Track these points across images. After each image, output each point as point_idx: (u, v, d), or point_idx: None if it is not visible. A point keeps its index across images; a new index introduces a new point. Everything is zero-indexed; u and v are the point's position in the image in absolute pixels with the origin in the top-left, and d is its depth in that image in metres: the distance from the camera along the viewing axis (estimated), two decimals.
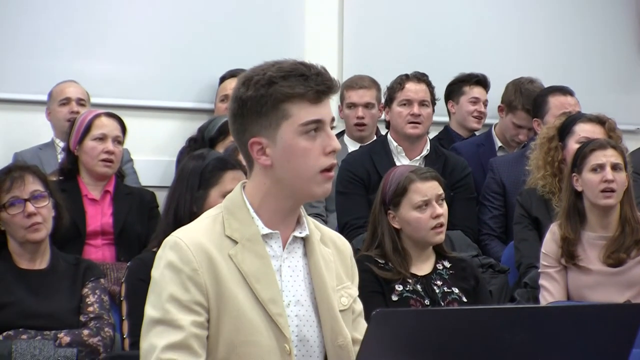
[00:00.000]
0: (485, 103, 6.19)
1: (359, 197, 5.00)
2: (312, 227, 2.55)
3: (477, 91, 6.16)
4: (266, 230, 2.46)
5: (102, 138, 4.71)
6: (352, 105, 5.83)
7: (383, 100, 5.41)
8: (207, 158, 3.67)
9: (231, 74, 5.80)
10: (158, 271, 2.42)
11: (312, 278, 2.50)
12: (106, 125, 4.75)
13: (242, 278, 2.40)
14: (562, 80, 5.72)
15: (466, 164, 5.27)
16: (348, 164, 5.08)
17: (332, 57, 6.33)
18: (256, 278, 2.41)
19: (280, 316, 2.41)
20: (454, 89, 6.16)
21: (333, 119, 2.48)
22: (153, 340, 2.36)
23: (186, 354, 2.33)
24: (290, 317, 2.45)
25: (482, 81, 6.19)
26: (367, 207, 4.82)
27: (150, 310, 2.41)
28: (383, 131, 5.62)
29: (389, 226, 3.89)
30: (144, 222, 4.75)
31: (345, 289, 2.56)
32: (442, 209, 3.87)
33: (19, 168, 3.99)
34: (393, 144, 5.19)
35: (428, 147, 5.21)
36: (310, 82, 2.40)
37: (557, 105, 5.41)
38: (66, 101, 5.42)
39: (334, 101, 2.87)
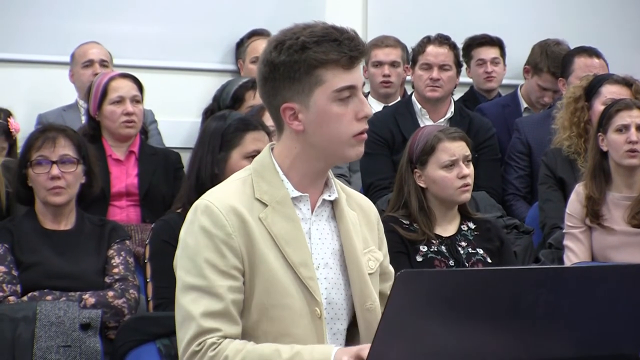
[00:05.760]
0: (494, 61, 6.15)
1: (383, 157, 5.00)
2: (339, 189, 2.55)
3: (482, 52, 6.14)
4: (296, 193, 2.45)
5: (119, 101, 4.67)
6: (379, 64, 5.83)
7: (410, 62, 5.42)
8: (229, 119, 3.65)
9: (252, 33, 5.80)
10: (191, 236, 2.39)
11: (341, 241, 2.49)
12: (122, 87, 4.71)
13: (272, 241, 2.40)
14: (588, 41, 5.67)
15: (491, 125, 5.27)
16: (372, 124, 5.02)
17: (357, 19, 6.30)
18: (286, 241, 2.40)
19: (311, 280, 2.41)
20: (464, 55, 6.13)
21: (364, 84, 2.47)
22: (190, 307, 2.34)
23: (227, 323, 2.33)
24: (320, 280, 2.44)
25: (485, 42, 6.15)
26: (391, 168, 4.83)
27: (185, 276, 2.38)
28: (410, 92, 5.61)
29: (415, 185, 3.90)
30: (169, 183, 4.72)
31: (371, 253, 2.55)
32: (469, 170, 3.88)
33: (55, 129, 3.97)
34: (417, 105, 5.20)
35: (452, 109, 5.22)
36: (343, 47, 2.37)
37: (581, 67, 5.39)
38: (89, 63, 5.40)
39: None
